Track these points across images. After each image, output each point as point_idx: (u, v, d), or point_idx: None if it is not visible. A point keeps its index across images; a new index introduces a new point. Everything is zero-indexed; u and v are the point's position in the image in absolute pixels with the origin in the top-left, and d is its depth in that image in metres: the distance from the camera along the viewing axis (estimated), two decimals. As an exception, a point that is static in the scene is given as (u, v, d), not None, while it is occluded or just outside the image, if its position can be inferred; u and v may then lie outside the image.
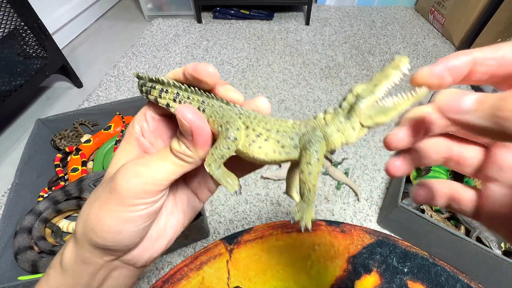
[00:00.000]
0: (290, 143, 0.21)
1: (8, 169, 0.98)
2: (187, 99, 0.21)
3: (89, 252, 0.21)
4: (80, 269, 0.22)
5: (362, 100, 0.20)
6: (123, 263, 0.23)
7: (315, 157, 0.20)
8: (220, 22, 1.72)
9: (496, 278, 0.67)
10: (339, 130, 0.20)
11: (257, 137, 0.21)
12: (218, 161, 0.20)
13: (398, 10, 1.83)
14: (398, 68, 0.20)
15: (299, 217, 0.22)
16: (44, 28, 1.09)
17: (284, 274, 0.41)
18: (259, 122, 0.21)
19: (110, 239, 0.20)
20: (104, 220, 0.20)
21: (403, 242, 0.43)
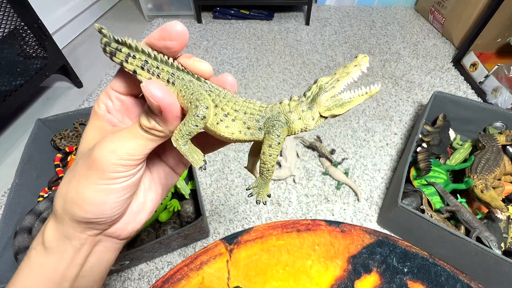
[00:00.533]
0: (256, 125, 0.22)
1: (8, 169, 0.98)
2: (156, 68, 0.21)
3: (72, 228, 0.21)
4: (64, 245, 0.22)
5: (324, 93, 0.22)
6: (106, 236, 0.24)
7: (276, 141, 0.21)
8: (220, 22, 1.72)
9: (496, 278, 0.67)
10: (300, 117, 0.22)
11: (225, 116, 0.22)
12: (185, 137, 0.20)
13: (398, 10, 1.83)
14: (359, 66, 0.22)
15: (256, 192, 0.24)
16: (44, 28, 1.09)
17: (284, 274, 0.41)
18: (228, 101, 0.22)
19: (94, 211, 0.21)
20: (86, 193, 0.20)
21: (403, 242, 0.43)
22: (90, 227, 0.22)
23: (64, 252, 0.22)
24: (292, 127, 0.22)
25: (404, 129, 1.10)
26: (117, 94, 0.23)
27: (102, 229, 0.23)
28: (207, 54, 1.48)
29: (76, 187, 0.21)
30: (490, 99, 1.14)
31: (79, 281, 0.23)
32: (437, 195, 0.80)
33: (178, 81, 0.21)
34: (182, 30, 0.19)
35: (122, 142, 0.20)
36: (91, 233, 0.22)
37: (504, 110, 0.94)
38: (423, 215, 0.68)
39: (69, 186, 0.21)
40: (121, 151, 0.20)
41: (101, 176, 0.20)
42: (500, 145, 0.86)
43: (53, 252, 0.22)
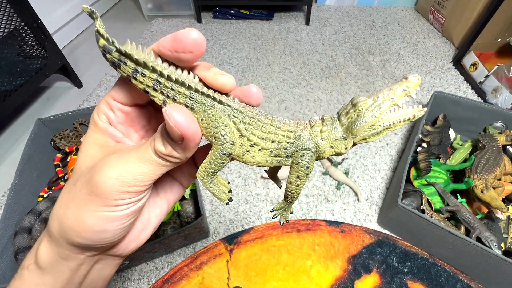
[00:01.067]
0: (284, 153, 0.20)
1: (8, 169, 0.98)
2: (170, 90, 0.18)
3: (69, 250, 0.20)
4: (60, 266, 0.20)
5: (362, 123, 0.19)
6: (106, 255, 0.23)
7: (305, 172, 0.20)
8: (220, 22, 1.72)
9: (496, 278, 0.67)
10: (332, 146, 0.20)
11: (251, 147, 0.20)
12: (211, 175, 0.19)
13: (398, 10, 1.83)
14: (408, 91, 0.19)
15: (280, 213, 0.24)
16: (44, 28, 1.09)
17: (284, 274, 0.41)
18: (254, 128, 0.20)
19: (94, 238, 0.19)
20: (86, 221, 0.18)
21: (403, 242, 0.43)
22: (89, 250, 0.21)
23: (60, 272, 0.21)
24: (322, 156, 0.21)
25: (404, 129, 1.10)
26: (119, 105, 0.20)
27: (102, 251, 0.22)
28: (207, 54, 1.48)
29: (75, 213, 0.19)
30: (490, 99, 1.14)
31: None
32: (437, 195, 0.80)
33: (197, 106, 0.18)
34: (198, 38, 0.17)
35: (129, 167, 0.18)
36: (90, 254, 0.21)
37: (504, 110, 0.94)
38: (423, 215, 0.68)
39: (66, 210, 0.19)
40: (127, 177, 0.18)
41: (103, 203, 0.18)
42: (500, 145, 0.86)
43: (49, 272, 0.21)
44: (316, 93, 1.25)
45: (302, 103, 1.20)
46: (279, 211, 0.24)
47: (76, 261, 0.21)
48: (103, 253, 0.22)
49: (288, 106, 1.19)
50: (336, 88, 1.27)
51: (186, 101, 0.18)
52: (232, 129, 0.19)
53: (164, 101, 0.18)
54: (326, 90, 1.26)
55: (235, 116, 0.19)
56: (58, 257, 0.20)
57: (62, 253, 0.20)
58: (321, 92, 1.25)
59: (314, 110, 1.17)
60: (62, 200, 0.20)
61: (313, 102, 1.21)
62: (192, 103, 0.18)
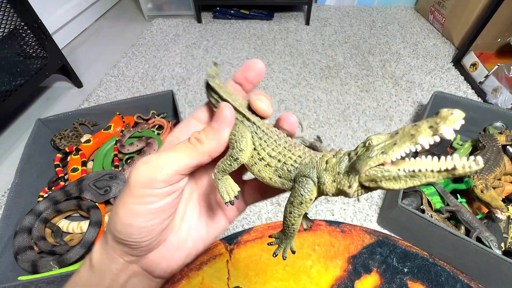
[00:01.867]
0: (287, 175, 0.20)
1: (8, 169, 0.98)
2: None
3: (112, 248, 0.21)
4: (104, 267, 0.22)
5: (366, 159, 0.16)
6: (142, 269, 0.23)
7: (299, 199, 0.19)
8: (220, 22, 1.72)
9: (496, 278, 0.67)
10: (334, 181, 0.18)
11: (259, 160, 0.21)
12: (221, 172, 0.22)
13: (398, 10, 1.83)
14: (436, 131, 0.15)
15: (277, 243, 0.23)
16: (44, 28, 1.08)
17: (284, 274, 0.41)
18: (268, 146, 0.21)
19: (122, 230, 0.20)
20: (119, 212, 0.20)
21: (403, 242, 0.43)
22: (125, 251, 0.21)
23: (104, 274, 0.22)
24: (324, 189, 0.19)
25: (404, 129, 1.10)
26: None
27: (136, 255, 0.22)
28: (207, 54, 1.48)
29: (116, 205, 0.21)
30: (490, 99, 1.14)
31: None
32: (437, 195, 0.80)
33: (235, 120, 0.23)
34: (260, 68, 0.23)
35: (158, 155, 0.20)
36: (128, 259, 0.22)
37: (504, 110, 0.94)
38: (423, 215, 0.68)
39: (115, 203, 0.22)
40: (154, 162, 0.20)
41: (130, 192, 0.20)
42: (500, 145, 0.86)
43: (96, 271, 0.22)
44: (316, 93, 1.25)
45: (302, 103, 1.20)
46: (276, 241, 0.23)
47: (117, 265, 0.22)
48: (139, 265, 0.23)
49: (288, 106, 1.19)
50: (336, 88, 1.27)
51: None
52: (248, 140, 0.22)
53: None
54: (326, 90, 1.26)
55: (256, 132, 0.22)
56: (105, 256, 0.22)
57: (107, 252, 0.22)
58: (321, 92, 1.25)
59: (314, 110, 1.17)
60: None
61: (313, 102, 1.21)
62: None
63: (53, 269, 0.65)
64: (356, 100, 1.22)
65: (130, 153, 0.93)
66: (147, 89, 1.28)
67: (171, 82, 1.31)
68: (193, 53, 1.48)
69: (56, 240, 0.73)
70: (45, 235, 0.73)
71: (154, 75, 1.35)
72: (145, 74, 1.36)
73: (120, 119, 0.98)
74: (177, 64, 1.41)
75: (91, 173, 0.81)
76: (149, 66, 1.41)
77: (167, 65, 1.41)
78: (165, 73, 1.36)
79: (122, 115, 0.99)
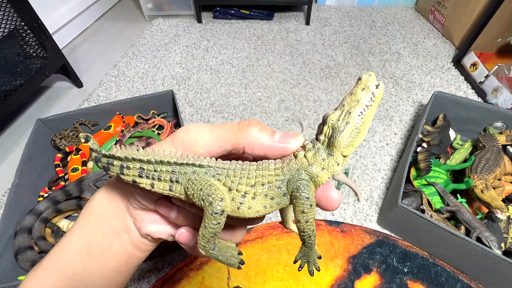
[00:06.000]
0: (278, 192, 0.20)
1: (8, 169, 0.98)
2: (154, 172, 0.19)
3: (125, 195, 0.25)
4: (105, 214, 0.25)
5: (340, 134, 0.19)
6: (132, 222, 0.25)
7: (308, 204, 0.19)
8: (220, 22, 1.72)
9: (496, 278, 0.67)
10: (323, 167, 0.19)
11: (243, 197, 0.19)
12: (211, 240, 0.19)
13: (398, 10, 1.83)
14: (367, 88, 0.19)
15: (305, 262, 0.22)
16: (44, 28, 1.08)
17: (284, 274, 0.41)
18: (241, 178, 0.19)
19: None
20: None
21: (403, 242, 0.43)
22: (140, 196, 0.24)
23: (101, 220, 0.25)
24: (318, 181, 0.20)
25: (404, 129, 1.10)
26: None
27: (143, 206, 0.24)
28: (207, 54, 1.48)
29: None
30: (490, 99, 1.14)
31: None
32: (437, 195, 0.80)
33: (181, 177, 0.19)
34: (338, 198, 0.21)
35: (202, 124, 0.23)
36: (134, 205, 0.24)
37: (504, 110, 0.94)
38: (423, 215, 0.68)
39: None
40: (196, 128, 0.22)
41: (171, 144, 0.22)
42: (500, 145, 0.86)
43: (93, 217, 0.25)
44: (316, 93, 1.25)
45: (302, 103, 1.20)
46: (303, 259, 0.22)
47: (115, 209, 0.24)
48: (133, 217, 0.24)
49: (288, 106, 1.19)
50: (336, 88, 1.27)
51: (170, 177, 0.19)
52: (218, 186, 0.19)
53: (152, 184, 0.20)
54: (326, 90, 1.26)
55: (219, 173, 0.19)
56: (106, 202, 0.24)
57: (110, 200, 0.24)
58: (321, 92, 1.25)
59: (314, 110, 1.17)
60: None
61: (313, 102, 1.21)
62: (176, 177, 0.19)
63: (53, 269, 0.65)
64: (356, 100, 1.22)
65: (130, 153, 0.93)
66: (147, 89, 1.28)
67: (171, 82, 1.31)
68: (193, 53, 1.48)
69: (56, 240, 0.73)
70: (45, 235, 0.73)
71: (154, 75, 1.35)
72: (145, 74, 1.36)
73: (120, 119, 0.98)
74: (177, 64, 1.41)
75: (91, 173, 0.81)
76: (149, 66, 1.41)
77: (167, 65, 1.41)
78: (165, 73, 1.36)
79: (122, 115, 0.99)
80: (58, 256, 0.24)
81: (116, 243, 0.24)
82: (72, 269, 0.23)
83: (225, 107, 1.18)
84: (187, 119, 1.13)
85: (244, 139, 0.20)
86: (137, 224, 0.24)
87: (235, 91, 1.26)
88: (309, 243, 0.20)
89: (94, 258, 0.24)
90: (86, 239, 0.23)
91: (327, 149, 0.20)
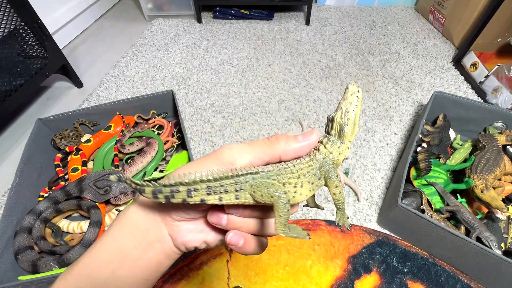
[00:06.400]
0: (315, 178, 0.26)
1: (8, 169, 0.98)
2: (220, 187, 0.22)
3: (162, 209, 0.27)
4: (138, 223, 0.27)
5: (346, 127, 0.26)
6: (168, 232, 0.27)
7: (337, 180, 0.26)
8: (220, 22, 1.72)
9: (496, 278, 0.67)
10: (340, 153, 0.27)
11: (295, 187, 0.25)
12: (286, 224, 0.23)
13: (398, 10, 1.83)
14: (354, 94, 0.27)
15: (342, 222, 0.28)
16: (44, 28, 1.08)
17: (284, 274, 0.41)
18: (287, 174, 0.24)
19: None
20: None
21: (403, 242, 0.43)
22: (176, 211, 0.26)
23: (135, 230, 0.27)
24: (338, 163, 0.27)
25: (404, 129, 1.10)
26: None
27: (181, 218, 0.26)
28: (207, 54, 1.48)
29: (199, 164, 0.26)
30: (490, 99, 1.14)
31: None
32: (437, 195, 0.80)
33: (244, 185, 0.23)
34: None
35: (240, 144, 0.26)
36: (169, 218, 0.26)
37: (504, 110, 0.94)
38: (423, 215, 0.68)
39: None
40: (236, 149, 0.25)
41: (215, 161, 0.25)
42: (500, 145, 0.86)
43: (128, 227, 0.27)
44: (316, 93, 1.25)
45: (302, 103, 1.20)
46: (341, 221, 0.28)
47: (150, 221, 0.26)
48: (169, 227, 0.26)
49: (288, 106, 1.19)
50: (336, 88, 1.27)
51: (235, 187, 0.23)
52: (277, 184, 0.24)
53: (220, 198, 0.23)
54: (326, 90, 1.26)
55: (271, 175, 0.24)
56: (141, 214, 0.26)
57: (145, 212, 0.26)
58: (321, 92, 1.25)
59: (314, 110, 1.17)
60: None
61: (313, 102, 1.21)
62: (239, 186, 0.23)
63: (53, 269, 0.65)
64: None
65: (131, 153, 0.93)
66: (147, 89, 1.28)
67: (171, 82, 1.31)
68: (193, 53, 1.48)
69: (56, 240, 0.73)
70: (45, 235, 0.74)
71: (154, 75, 1.35)
72: (145, 74, 1.36)
73: (120, 119, 0.98)
74: (177, 64, 1.41)
75: (92, 173, 0.81)
76: (149, 66, 1.41)
77: (167, 65, 1.41)
78: (165, 73, 1.36)
79: (122, 115, 1.00)
80: (89, 265, 0.25)
81: (149, 252, 0.26)
82: (103, 277, 0.25)
83: (225, 107, 1.18)
84: (187, 119, 1.13)
85: (278, 149, 0.26)
86: (173, 234, 0.26)
87: (235, 91, 1.26)
88: (342, 208, 0.27)
89: (125, 267, 0.25)
90: (119, 249, 0.25)
91: (339, 139, 0.27)
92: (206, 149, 1.03)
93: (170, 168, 0.84)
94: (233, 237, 0.25)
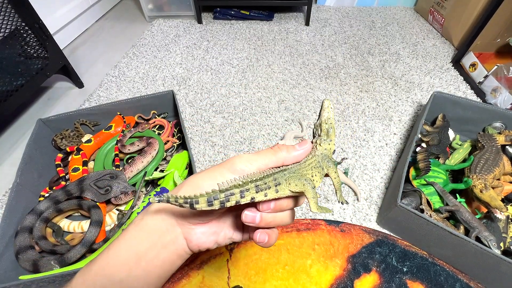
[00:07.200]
0: (320, 169, 0.32)
1: (9, 169, 0.98)
2: (264, 184, 0.27)
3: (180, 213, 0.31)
4: (155, 226, 0.30)
5: (331, 129, 0.34)
6: (183, 235, 0.30)
7: (335, 167, 0.33)
8: (220, 23, 1.72)
9: (495, 278, 0.67)
10: (330, 148, 0.34)
11: (312, 177, 0.31)
12: (316, 202, 0.29)
13: (397, 10, 1.83)
14: (329, 106, 0.34)
15: (342, 199, 0.35)
16: (45, 29, 1.09)
17: (283, 273, 0.42)
18: (304, 168, 0.31)
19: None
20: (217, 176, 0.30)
21: (403, 241, 0.44)
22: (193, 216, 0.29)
23: (152, 232, 0.30)
24: (330, 155, 0.34)
25: (404, 129, 1.10)
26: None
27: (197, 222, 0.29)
28: (208, 54, 1.48)
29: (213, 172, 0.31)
30: (490, 99, 1.15)
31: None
32: (436, 195, 0.80)
33: (281, 180, 0.28)
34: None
35: (249, 154, 0.31)
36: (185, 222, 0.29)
37: (503, 110, 0.94)
38: (423, 214, 0.69)
39: None
40: (245, 158, 0.30)
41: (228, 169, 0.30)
42: (500, 145, 0.86)
43: (145, 229, 0.30)
44: (316, 93, 1.25)
45: (302, 103, 1.21)
46: (341, 199, 0.35)
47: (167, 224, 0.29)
48: (184, 230, 0.29)
49: (288, 106, 1.19)
50: (336, 89, 1.28)
51: (274, 183, 0.28)
52: (300, 176, 0.29)
53: (265, 194, 0.27)
54: (326, 91, 1.27)
55: (294, 171, 0.30)
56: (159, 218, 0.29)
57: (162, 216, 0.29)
58: (321, 92, 1.26)
59: (314, 110, 1.17)
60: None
61: (312, 102, 1.21)
62: (278, 181, 0.28)
63: (54, 269, 0.66)
64: (355, 101, 1.22)
65: (131, 153, 0.93)
66: (147, 89, 1.28)
67: (171, 82, 1.32)
68: (193, 53, 1.49)
69: (57, 240, 0.74)
70: (46, 235, 0.74)
71: (154, 75, 1.36)
72: (145, 75, 1.36)
73: (121, 119, 0.99)
74: (177, 64, 1.42)
75: (92, 173, 0.81)
76: (149, 66, 1.41)
77: (167, 65, 1.41)
78: (166, 73, 1.37)
79: (123, 115, 1.00)
80: (107, 265, 0.27)
81: (163, 253, 0.28)
82: (120, 276, 0.27)
83: (225, 107, 1.19)
84: (187, 119, 1.14)
85: (281, 157, 0.30)
86: (189, 237, 0.29)
87: (235, 91, 1.26)
88: (339, 189, 0.34)
89: (141, 266, 0.27)
90: (135, 250, 0.28)
91: (327, 138, 0.33)
92: (206, 149, 1.03)
93: (171, 168, 0.84)
94: (261, 236, 0.29)
